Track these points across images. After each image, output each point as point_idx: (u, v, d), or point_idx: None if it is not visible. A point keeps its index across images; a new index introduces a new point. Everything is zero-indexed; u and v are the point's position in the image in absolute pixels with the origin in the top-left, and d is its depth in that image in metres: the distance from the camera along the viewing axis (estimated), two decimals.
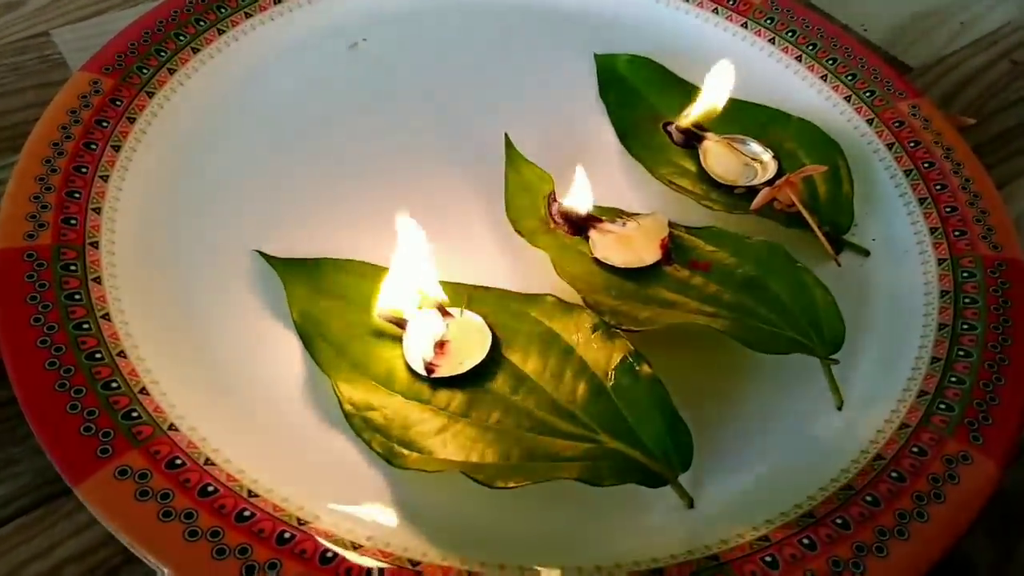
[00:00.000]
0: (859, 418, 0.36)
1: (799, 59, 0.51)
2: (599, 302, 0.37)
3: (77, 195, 0.39)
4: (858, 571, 0.30)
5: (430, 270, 0.36)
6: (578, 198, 0.41)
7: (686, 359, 0.36)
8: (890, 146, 0.46)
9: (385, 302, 0.36)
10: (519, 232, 0.41)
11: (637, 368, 0.34)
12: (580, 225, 0.41)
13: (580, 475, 0.32)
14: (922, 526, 0.32)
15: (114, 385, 0.33)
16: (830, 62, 0.50)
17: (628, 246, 0.40)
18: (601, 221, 0.41)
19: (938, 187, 0.44)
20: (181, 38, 0.46)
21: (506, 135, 0.44)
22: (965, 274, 0.40)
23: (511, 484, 0.31)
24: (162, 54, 0.45)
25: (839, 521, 0.32)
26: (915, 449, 0.34)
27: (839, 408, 0.37)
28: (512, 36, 0.52)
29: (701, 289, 0.39)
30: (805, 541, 0.31)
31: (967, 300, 0.39)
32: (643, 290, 0.39)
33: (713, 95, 0.46)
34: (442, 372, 0.35)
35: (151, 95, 0.44)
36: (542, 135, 0.46)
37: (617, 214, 0.42)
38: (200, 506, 0.30)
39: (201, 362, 0.36)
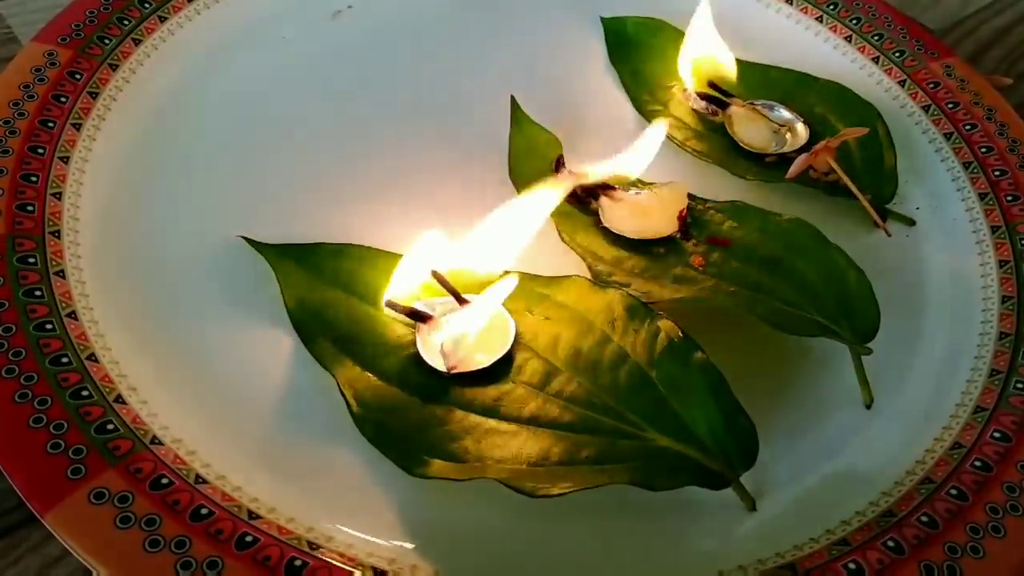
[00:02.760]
0: (927, 402, 0.33)
1: (820, 20, 0.47)
2: (604, 273, 0.34)
3: (34, 179, 0.34)
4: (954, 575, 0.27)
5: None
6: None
7: (732, 345, 0.32)
8: (926, 108, 0.43)
9: (395, 291, 0.32)
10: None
11: (687, 354, 0.30)
12: (590, 193, 0.37)
13: (632, 479, 0.28)
14: (1019, 521, 0.28)
15: (84, 394, 0.28)
16: (854, 22, 0.46)
17: (642, 216, 0.37)
18: (613, 188, 0.37)
19: (983, 150, 0.41)
20: (147, 5, 0.41)
21: (512, 97, 0.40)
22: None
23: (555, 492, 0.27)
24: (125, 23, 0.40)
25: (924, 519, 0.28)
26: (997, 434, 0.31)
27: (868, 406, 0.33)
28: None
29: (720, 266, 0.35)
30: (890, 543, 0.28)
31: None
32: (655, 264, 0.35)
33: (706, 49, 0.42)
34: (463, 367, 0.31)
35: (115, 67, 0.39)
36: (551, 102, 0.42)
37: (631, 182, 0.38)
38: (193, 532, 0.25)
39: (184, 365, 0.31)
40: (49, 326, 0.30)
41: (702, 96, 0.43)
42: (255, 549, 0.25)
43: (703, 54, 0.43)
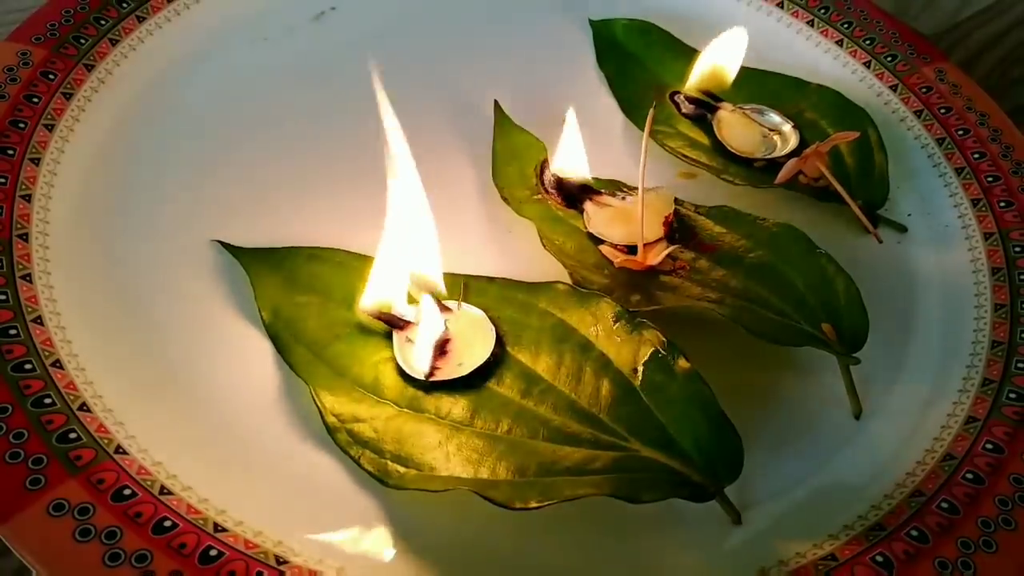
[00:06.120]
0: (918, 413, 0.32)
1: (811, 23, 0.46)
2: (587, 280, 0.33)
3: (2, 180, 0.33)
4: None
5: (431, 258, 0.31)
6: (572, 159, 0.36)
7: (717, 353, 0.31)
8: (918, 113, 0.42)
9: (372, 296, 0.31)
10: (505, 199, 0.37)
11: (672, 362, 0.29)
12: (574, 195, 0.37)
13: (614, 490, 0.27)
14: (1010, 535, 0.27)
15: (47, 401, 0.27)
16: (845, 26, 0.46)
17: (627, 222, 0.36)
18: (599, 193, 0.36)
19: (976, 155, 0.40)
20: (124, 4, 0.40)
21: (496, 102, 0.40)
22: (1017, 248, 0.36)
23: (532, 504, 0.26)
24: (102, 23, 0.39)
25: (914, 533, 0.27)
26: (989, 446, 0.30)
27: (856, 417, 0.32)
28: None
29: (706, 273, 0.34)
30: (879, 559, 0.27)
31: None
32: (639, 270, 0.34)
33: (718, 59, 0.42)
34: (441, 375, 0.30)
35: (90, 68, 0.38)
36: (536, 106, 0.41)
37: (618, 187, 0.37)
38: (155, 545, 0.24)
39: (153, 373, 0.30)
40: (13, 331, 0.29)
41: (691, 100, 0.42)
42: (219, 564, 0.25)
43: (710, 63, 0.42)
